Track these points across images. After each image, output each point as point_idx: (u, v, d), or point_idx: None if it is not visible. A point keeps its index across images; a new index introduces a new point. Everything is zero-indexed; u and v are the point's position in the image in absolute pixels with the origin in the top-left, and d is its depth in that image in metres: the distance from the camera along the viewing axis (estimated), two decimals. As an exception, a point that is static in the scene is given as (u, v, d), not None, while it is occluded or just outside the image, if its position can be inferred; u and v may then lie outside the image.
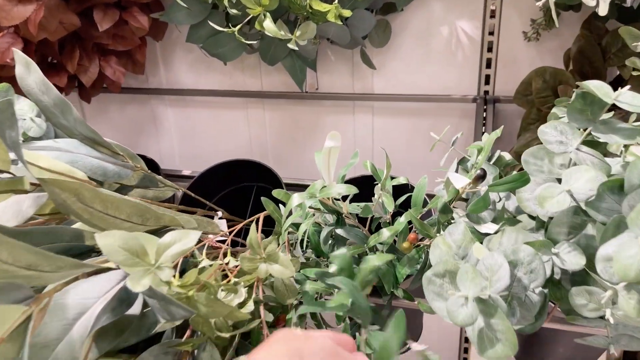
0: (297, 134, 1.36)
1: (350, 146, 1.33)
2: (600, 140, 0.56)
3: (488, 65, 1.18)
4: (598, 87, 0.50)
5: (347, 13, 0.82)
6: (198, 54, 1.30)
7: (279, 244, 0.70)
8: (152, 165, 1.15)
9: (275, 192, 0.66)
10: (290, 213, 0.60)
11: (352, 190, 0.53)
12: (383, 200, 0.62)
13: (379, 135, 1.31)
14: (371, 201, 0.71)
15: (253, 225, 0.53)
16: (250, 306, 0.50)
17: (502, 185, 0.59)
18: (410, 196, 0.74)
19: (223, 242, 0.76)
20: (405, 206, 0.91)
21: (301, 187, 1.29)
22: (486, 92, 1.20)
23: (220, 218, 0.94)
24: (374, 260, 0.48)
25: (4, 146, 0.53)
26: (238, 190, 1.11)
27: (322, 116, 1.32)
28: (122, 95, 1.42)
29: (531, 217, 0.67)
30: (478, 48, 1.16)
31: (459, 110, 1.22)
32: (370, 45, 1.16)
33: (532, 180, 0.61)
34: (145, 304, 0.52)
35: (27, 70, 0.69)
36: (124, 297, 0.50)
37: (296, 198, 0.55)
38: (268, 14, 0.84)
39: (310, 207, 0.63)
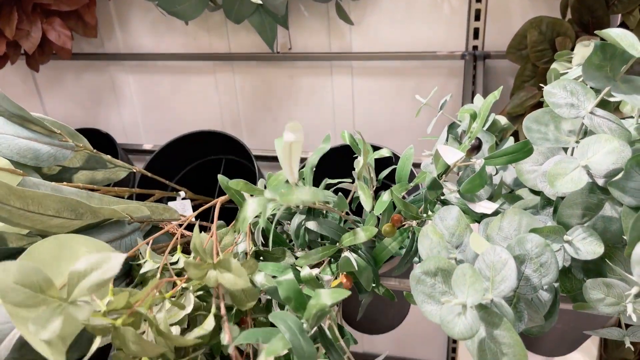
0: (271, 99, 1.25)
1: (328, 110, 1.23)
2: (613, 100, 0.47)
3: (477, 17, 1.07)
4: (621, 37, 0.40)
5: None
6: (157, 14, 1.17)
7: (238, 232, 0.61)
8: (107, 140, 1.04)
9: (233, 183, 0.55)
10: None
11: (318, 197, 0.43)
12: (359, 194, 0.53)
13: (360, 97, 1.20)
14: (352, 173, 0.62)
15: (196, 229, 0.44)
16: (209, 324, 0.41)
17: (501, 157, 0.50)
18: (396, 169, 0.65)
19: (189, 228, 0.67)
20: (391, 177, 0.82)
21: (275, 160, 1.19)
22: (475, 48, 1.09)
23: (183, 198, 0.85)
24: (326, 298, 0.38)
25: None
26: (205, 164, 1.01)
27: (297, 78, 1.21)
28: (76, 61, 1.29)
29: (533, 191, 0.59)
30: (466, -2, 1.05)
31: (446, 68, 1.12)
32: (346, -3, 1.05)
33: (536, 149, 0.53)
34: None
35: None
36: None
37: (251, 205, 0.44)
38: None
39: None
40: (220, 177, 0.59)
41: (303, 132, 0.48)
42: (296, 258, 0.60)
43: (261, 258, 0.61)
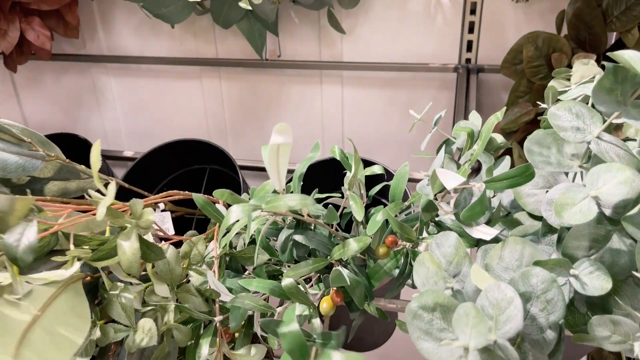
0: (258, 107, 1.22)
1: (317, 120, 1.20)
2: (616, 121, 0.45)
3: (470, 30, 1.05)
4: (635, 60, 0.38)
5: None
6: (142, 16, 1.13)
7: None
8: (86, 146, 1.00)
9: (218, 193, 0.52)
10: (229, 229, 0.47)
11: (307, 203, 0.40)
12: (351, 204, 0.50)
13: (350, 107, 1.17)
14: (341, 189, 0.59)
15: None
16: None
17: (501, 181, 0.48)
18: (388, 185, 0.62)
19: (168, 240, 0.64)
20: (381, 193, 0.79)
21: (260, 170, 1.15)
22: (468, 60, 1.07)
23: (163, 210, 0.81)
24: None
25: None
26: (188, 173, 0.97)
27: (286, 87, 1.18)
28: (56, 62, 1.24)
29: (532, 215, 0.56)
30: (460, 10, 1.03)
31: (438, 80, 1.10)
32: (338, 6, 1.02)
33: (537, 173, 0.50)
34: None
35: None
36: None
37: (235, 211, 0.42)
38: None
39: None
40: (195, 196, 0.56)
41: (292, 135, 0.44)
42: (281, 274, 0.57)
43: (229, 260, 0.58)
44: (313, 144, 1.24)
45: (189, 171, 0.96)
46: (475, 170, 0.50)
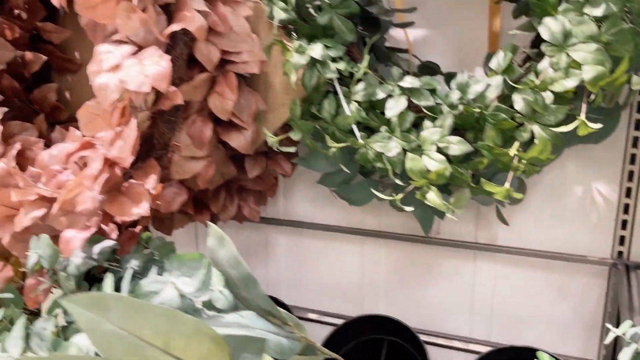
0: (412, 275, 1.34)
1: (467, 292, 1.30)
2: None
3: (623, 227, 1.15)
4: None
5: (518, 196, 0.83)
6: (320, 190, 1.34)
7: None
8: (282, 306, 1.16)
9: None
10: None
11: None
12: None
13: (501, 283, 1.27)
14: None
15: None
16: None
17: None
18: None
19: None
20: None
21: (440, 347, 1.25)
22: (620, 253, 1.16)
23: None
24: None
25: None
26: (365, 342, 1.08)
27: (441, 260, 1.31)
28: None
29: None
30: (614, 208, 1.14)
31: (592, 268, 1.18)
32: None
33: None
34: None
35: (220, 244, 0.71)
36: None
37: None
38: (432, 186, 0.86)
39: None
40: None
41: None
42: None
43: None
44: (460, 314, 1.34)
45: (367, 340, 1.08)
46: None
